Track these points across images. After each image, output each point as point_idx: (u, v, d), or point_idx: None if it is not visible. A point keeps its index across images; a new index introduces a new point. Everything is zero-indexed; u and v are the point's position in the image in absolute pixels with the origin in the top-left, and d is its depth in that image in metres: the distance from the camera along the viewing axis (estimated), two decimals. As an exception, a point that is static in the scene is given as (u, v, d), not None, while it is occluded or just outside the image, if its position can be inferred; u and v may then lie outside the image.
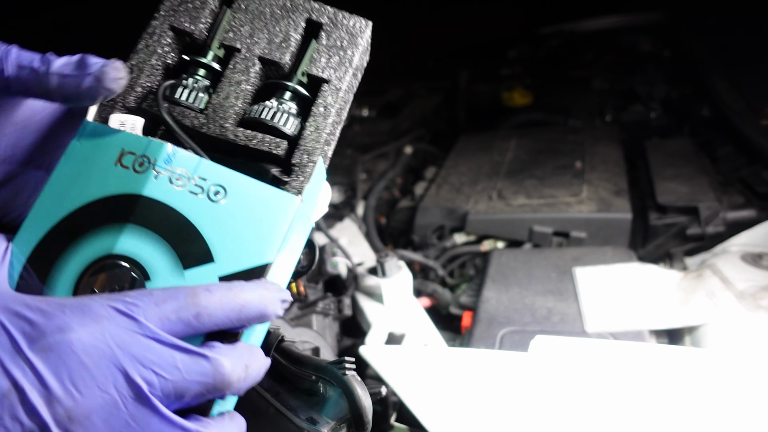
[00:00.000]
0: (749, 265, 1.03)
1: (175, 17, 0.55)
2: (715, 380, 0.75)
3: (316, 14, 0.56)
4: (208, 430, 0.40)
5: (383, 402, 0.88)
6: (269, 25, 0.55)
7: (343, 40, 0.55)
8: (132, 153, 0.47)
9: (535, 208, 1.33)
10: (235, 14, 0.55)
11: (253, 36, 0.55)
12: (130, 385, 0.36)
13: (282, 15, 0.56)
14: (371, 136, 2.09)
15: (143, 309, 0.38)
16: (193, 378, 0.38)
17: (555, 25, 2.72)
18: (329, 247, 1.10)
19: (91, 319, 0.37)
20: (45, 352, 0.36)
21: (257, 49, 0.54)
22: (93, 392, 0.36)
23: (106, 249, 0.45)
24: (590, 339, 0.91)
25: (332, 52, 0.55)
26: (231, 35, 0.55)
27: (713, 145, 1.61)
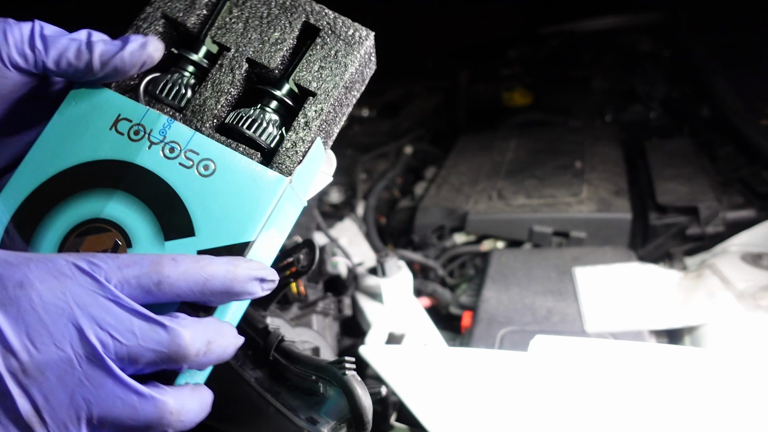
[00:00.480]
0: (749, 265, 1.03)
1: (170, 5, 0.52)
2: (715, 380, 0.75)
3: (314, 18, 0.53)
4: (163, 396, 0.39)
5: (383, 402, 0.88)
6: (264, 25, 0.52)
7: (338, 50, 0.52)
8: (128, 120, 0.48)
9: (535, 208, 1.33)
10: (232, 10, 0.53)
11: (245, 35, 0.52)
12: (85, 345, 0.36)
13: (279, 15, 0.53)
14: (371, 136, 2.09)
15: (106, 271, 0.38)
16: (149, 345, 0.38)
17: (555, 25, 2.72)
18: (329, 247, 1.10)
19: (53, 276, 0.37)
20: (4, 305, 0.36)
21: (248, 50, 0.52)
22: (49, 348, 0.36)
23: (94, 212, 0.46)
24: (590, 339, 0.91)
25: (325, 63, 0.52)
26: (223, 32, 0.52)
27: (713, 145, 1.61)
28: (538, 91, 2.29)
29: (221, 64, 0.51)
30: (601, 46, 2.54)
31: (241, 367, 0.68)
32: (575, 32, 2.66)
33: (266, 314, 0.85)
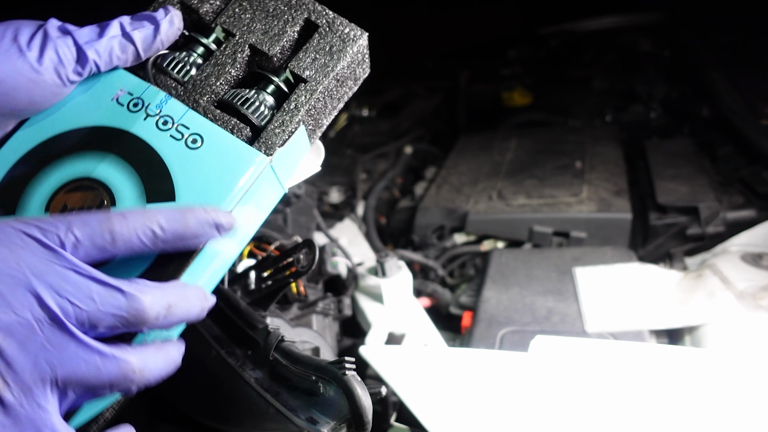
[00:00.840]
0: (749, 265, 1.03)
1: None
2: (715, 380, 0.75)
3: (315, 15, 0.58)
4: (125, 355, 0.40)
5: (383, 402, 0.88)
6: (269, 17, 0.57)
7: (333, 44, 0.57)
8: (130, 93, 0.52)
9: (535, 208, 1.33)
10: (242, 3, 0.58)
11: (252, 24, 0.57)
12: (45, 311, 0.37)
13: (284, 11, 0.58)
14: (371, 136, 2.09)
15: (58, 236, 0.39)
16: (108, 310, 0.39)
17: (555, 25, 2.72)
18: (329, 247, 1.10)
19: (6, 247, 0.38)
20: None
21: (251, 37, 0.56)
22: (9, 316, 0.36)
23: (86, 172, 0.50)
24: (590, 339, 0.91)
25: (319, 54, 0.56)
26: (231, 20, 0.57)
27: (713, 145, 1.61)
28: (538, 91, 2.29)
29: (225, 46, 0.56)
30: (601, 46, 2.54)
31: (241, 367, 0.68)
32: (575, 32, 2.66)
33: (266, 314, 0.85)
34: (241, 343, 0.73)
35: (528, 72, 2.50)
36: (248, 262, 0.97)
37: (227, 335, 0.75)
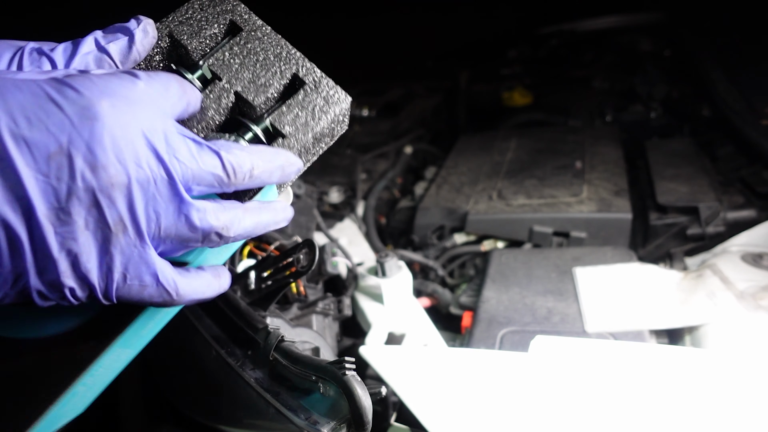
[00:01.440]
0: (749, 265, 1.03)
1: (178, 28, 0.57)
2: (715, 380, 0.75)
3: (303, 72, 0.58)
4: (218, 213, 0.46)
5: (383, 402, 0.88)
6: (258, 67, 0.58)
7: (316, 104, 0.57)
8: None
9: (535, 208, 1.33)
10: (233, 47, 0.58)
11: (240, 71, 0.57)
12: (160, 167, 0.42)
13: (273, 62, 0.58)
14: (371, 136, 2.09)
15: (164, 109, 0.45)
16: (207, 169, 0.44)
17: (555, 25, 2.72)
18: (329, 247, 1.10)
19: (122, 100, 0.41)
20: (90, 120, 0.39)
21: (238, 85, 0.56)
22: (131, 166, 0.40)
23: None
24: (590, 339, 0.91)
25: (302, 112, 0.57)
26: (219, 64, 0.57)
27: (713, 145, 1.61)
28: (538, 91, 2.29)
29: (211, 90, 0.56)
30: (601, 46, 2.54)
31: (241, 367, 0.68)
32: (575, 32, 2.66)
33: (266, 314, 0.85)
34: (241, 343, 0.73)
35: (528, 72, 2.50)
36: (248, 262, 0.97)
37: (227, 335, 0.75)
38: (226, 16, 0.58)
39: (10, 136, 0.37)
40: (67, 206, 0.39)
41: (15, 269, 0.39)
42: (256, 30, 0.58)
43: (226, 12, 0.58)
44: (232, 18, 0.58)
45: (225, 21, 0.58)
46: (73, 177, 0.38)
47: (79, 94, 0.39)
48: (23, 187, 0.37)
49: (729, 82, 1.72)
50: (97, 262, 0.41)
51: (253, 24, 0.59)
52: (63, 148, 0.38)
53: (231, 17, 0.58)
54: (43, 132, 0.38)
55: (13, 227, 0.38)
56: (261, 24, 0.59)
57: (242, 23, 0.58)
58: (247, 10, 0.59)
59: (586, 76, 2.33)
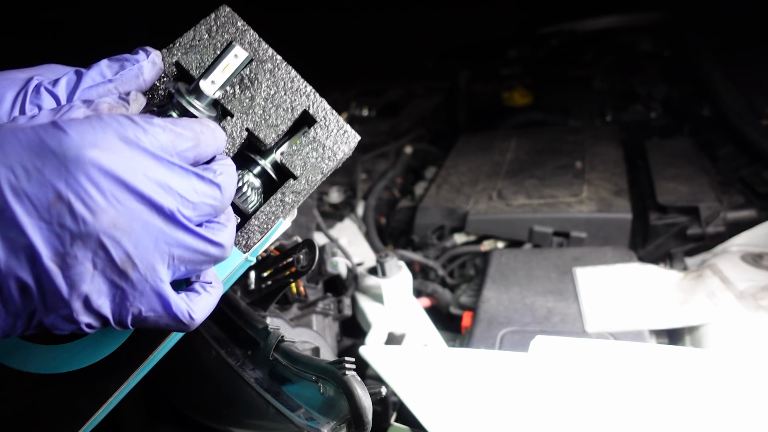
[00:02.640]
0: (749, 265, 1.03)
1: (186, 57, 0.56)
2: (715, 380, 0.75)
3: (313, 108, 0.58)
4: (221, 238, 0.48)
5: (383, 402, 0.88)
6: (269, 104, 0.57)
7: (326, 144, 0.58)
8: None
9: (535, 208, 1.33)
10: (243, 79, 0.57)
11: (251, 108, 0.57)
12: (161, 203, 0.42)
13: (284, 98, 0.58)
14: (371, 136, 2.09)
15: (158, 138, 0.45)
16: (206, 201, 0.46)
17: (555, 25, 2.72)
18: (329, 247, 1.10)
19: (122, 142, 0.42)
20: (86, 165, 0.39)
21: (249, 122, 0.56)
22: (132, 206, 0.41)
23: None
24: (590, 339, 0.91)
25: (313, 153, 0.58)
26: (230, 97, 0.56)
27: (713, 145, 1.61)
28: (538, 91, 2.29)
29: (223, 127, 0.56)
30: (601, 46, 2.54)
31: (241, 367, 0.68)
32: (575, 32, 2.66)
33: (266, 314, 0.85)
34: (241, 343, 0.73)
35: (528, 72, 2.50)
36: (248, 262, 0.97)
37: (227, 335, 0.75)
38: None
39: (10, 190, 0.38)
40: (72, 250, 0.39)
41: (27, 308, 0.40)
42: (266, 60, 0.57)
43: (235, 39, 0.57)
44: (242, 46, 0.57)
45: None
46: (75, 222, 0.39)
47: (74, 138, 0.39)
48: (27, 237, 0.38)
49: (729, 82, 1.72)
50: (109, 299, 0.42)
51: (264, 53, 0.57)
52: (62, 195, 0.38)
53: (240, 45, 0.57)
54: (41, 181, 0.38)
55: (20, 275, 0.39)
56: (272, 54, 0.58)
57: (252, 52, 0.57)
58: (257, 37, 0.58)
59: (586, 76, 2.33)
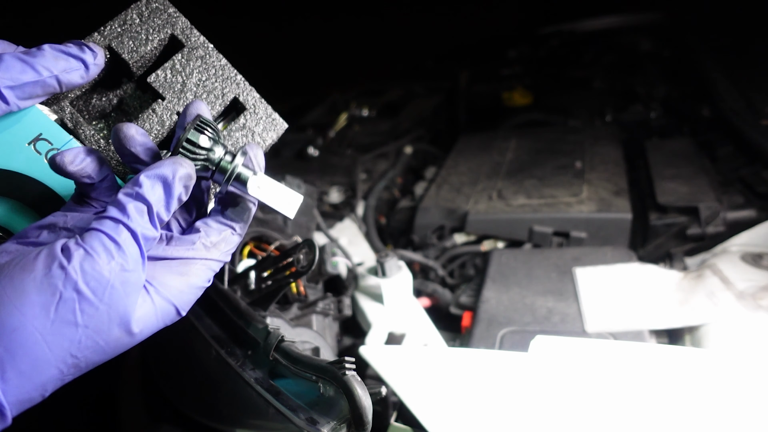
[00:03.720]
0: (749, 265, 1.03)
1: (118, 40, 0.56)
2: (715, 380, 0.75)
3: (243, 96, 0.60)
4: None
5: (383, 402, 0.88)
6: (200, 89, 0.59)
7: (255, 131, 0.60)
8: (49, 142, 0.51)
9: (535, 208, 1.33)
10: (175, 65, 0.58)
11: (182, 92, 0.58)
12: None
13: (215, 84, 0.59)
14: (371, 136, 2.09)
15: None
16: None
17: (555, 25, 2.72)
18: (329, 247, 1.10)
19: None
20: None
21: (180, 105, 0.57)
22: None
23: None
24: (590, 339, 0.91)
25: (243, 139, 0.59)
26: (161, 81, 0.57)
27: (713, 145, 1.61)
28: (538, 91, 2.29)
29: (154, 110, 0.57)
30: (601, 46, 2.54)
31: (241, 367, 0.68)
32: (575, 32, 2.66)
33: (266, 314, 0.85)
34: (241, 343, 0.73)
35: (528, 72, 2.50)
36: (248, 262, 0.97)
37: (227, 335, 0.75)
38: (166, 30, 0.58)
39: None
40: None
41: None
42: (198, 47, 0.59)
43: (167, 25, 0.58)
44: (173, 32, 0.58)
45: (166, 35, 0.58)
46: None
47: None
48: None
49: (729, 82, 1.72)
50: None
51: (195, 41, 0.59)
52: None
53: (172, 31, 0.58)
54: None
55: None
56: (203, 41, 0.59)
57: (184, 39, 0.58)
58: (189, 25, 0.59)
59: (586, 76, 2.33)
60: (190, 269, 0.49)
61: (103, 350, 0.43)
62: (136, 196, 0.44)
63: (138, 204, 0.44)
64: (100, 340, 0.43)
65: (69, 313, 0.41)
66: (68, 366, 0.42)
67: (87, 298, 0.41)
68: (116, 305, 0.43)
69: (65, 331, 0.41)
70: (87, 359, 0.43)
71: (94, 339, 0.42)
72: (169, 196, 0.46)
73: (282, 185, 0.51)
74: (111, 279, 0.42)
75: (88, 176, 0.48)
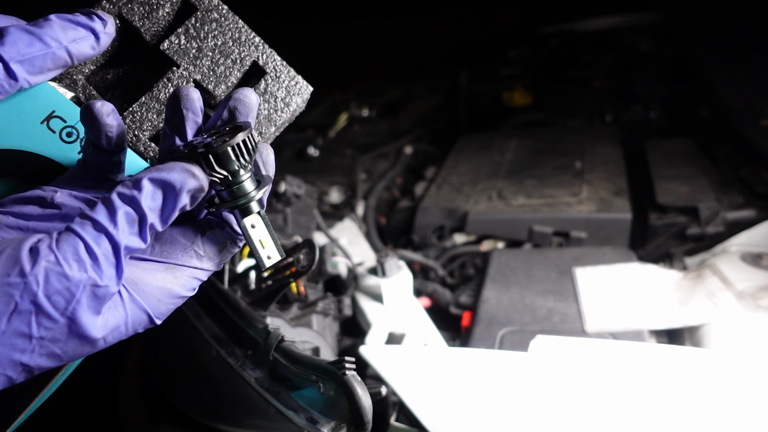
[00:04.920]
0: (749, 265, 1.03)
1: (128, 7, 0.53)
2: (715, 380, 0.75)
3: (263, 59, 0.56)
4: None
5: (383, 402, 0.88)
6: (216, 53, 0.55)
7: (278, 96, 0.56)
8: (62, 119, 0.48)
9: (535, 208, 1.33)
10: (189, 30, 0.54)
11: (198, 59, 0.54)
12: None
13: (232, 48, 0.55)
14: (371, 136, 2.09)
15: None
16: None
17: (554, 25, 2.72)
18: (329, 247, 1.10)
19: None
20: None
21: (197, 73, 0.54)
22: None
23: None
24: (590, 339, 0.91)
25: (265, 104, 0.55)
26: (175, 47, 0.53)
27: (713, 145, 1.61)
28: (538, 91, 2.29)
29: (169, 78, 0.53)
30: (601, 46, 2.54)
31: (241, 367, 0.68)
32: (575, 32, 2.66)
33: (266, 314, 0.85)
34: (241, 343, 0.73)
35: (528, 72, 2.50)
36: (248, 262, 0.97)
37: (227, 335, 0.75)
38: None
39: None
40: None
41: None
42: (212, 10, 0.55)
43: None
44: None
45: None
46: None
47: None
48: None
49: (729, 82, 1.72)
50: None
51: (209, 2, 0.55)
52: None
53: None
54: None
55: None
56: (217, 2, 0.55)
57: (196, 1, 0.54)
58: None
59: (586, 76, 2.33)
60: (175, 277, 0.44)
61: (60, 358, 0.40)
62: (131, 202, 0.40)
63: (130, 212, 0.40)
64: (57, 349, 0.39)
65: (23, 326, 0.37)
66: (18, 373, 0.39)
67: (46, 311, 0.37)
68: (79, 319, 0.39)
69: (16, 342, 0.37)
70: (40, 366, 0.39)
71: (50, 348, 0.39)
72: (172, 208, 0.41)
73: (274, 236, 0.47)
74: (78, 294, 0.38)
75: (110, 138, 0.44)
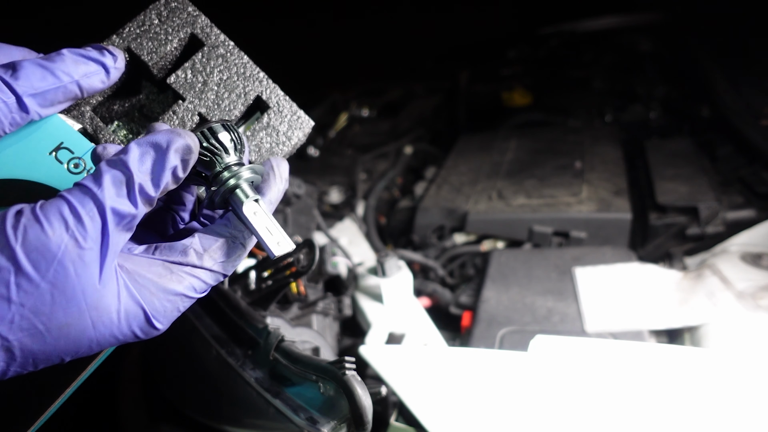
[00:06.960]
0: (749, 265, 1.03)
1: (137, 42, 0.55)
2: (715, 380, 0.75)
3: (266, 94, 0.58)
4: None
5: (383, 402, 0.88)
6: (221, 88, 0.57)
7: (280, 130, 0.58)
8: (70, 151, 0.49)
9: (535, 208, 1.33)
10: (195, 64, 0.56)
11: (203, 92, 0.56)
12: None
13: (236, 83, 0.57)
14: (371, 136, 2.09)
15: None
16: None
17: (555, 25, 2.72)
18: (329, 247, 1.10)
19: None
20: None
21: (201, 106, 0.56)
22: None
23: None
24: (590, 339, 0.91)
25: (267, 138, 0.57)
26: (182, 82, 0.55)
27: (713, 145, 1.61)
28: (538, 91, 2.29)
29: (174, 111, 0.55)
30: (601, 46, 2.54)
31: (241, 367, 0.68)
32: (575, 32, 2.66)
33: (266, 314, 0.85)
34: (241, 343, 0.73)
35: (528, 72, 2.50)
36: (248, 262, 0.97)
37: (227, 335, 0.75)
38: (186, 29, 0.56)
39: None
40: None
41: None
42: (218, 46, 0.57)
43: (186, 24, 0.56)
44: (193, 31, 0.57)
45: (186, 34, 0.56)
46: None
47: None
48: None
49: (729, 82, 1.72)
50: None
51: (215, 39, 0.57)
52: None
53: (191, 30, 0.57)
54: None
55: None
56: (223, 39, 0.57)
57: (203, 37, 0.57)
58: (209, 23, 0.57)
59: (586, 76, 2.33)
60: (170, 272, 0.44)
61: (43, 336, 0.38)
62: (118, 164, 0.40)
63: (116, 173, 0.40)
64: (39, 323, 0.38)
65: (1, 286, 0.36)
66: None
67: (25, 271, 0.36)
68: (62, 286, 0.37)
69: None
70: (22, 344, 0.38)
71: (31, 321, 0.37)
72: (161, 168, 0.41)
73: (278, 224, 0.48)
74: (59, 254, 0.37)
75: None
